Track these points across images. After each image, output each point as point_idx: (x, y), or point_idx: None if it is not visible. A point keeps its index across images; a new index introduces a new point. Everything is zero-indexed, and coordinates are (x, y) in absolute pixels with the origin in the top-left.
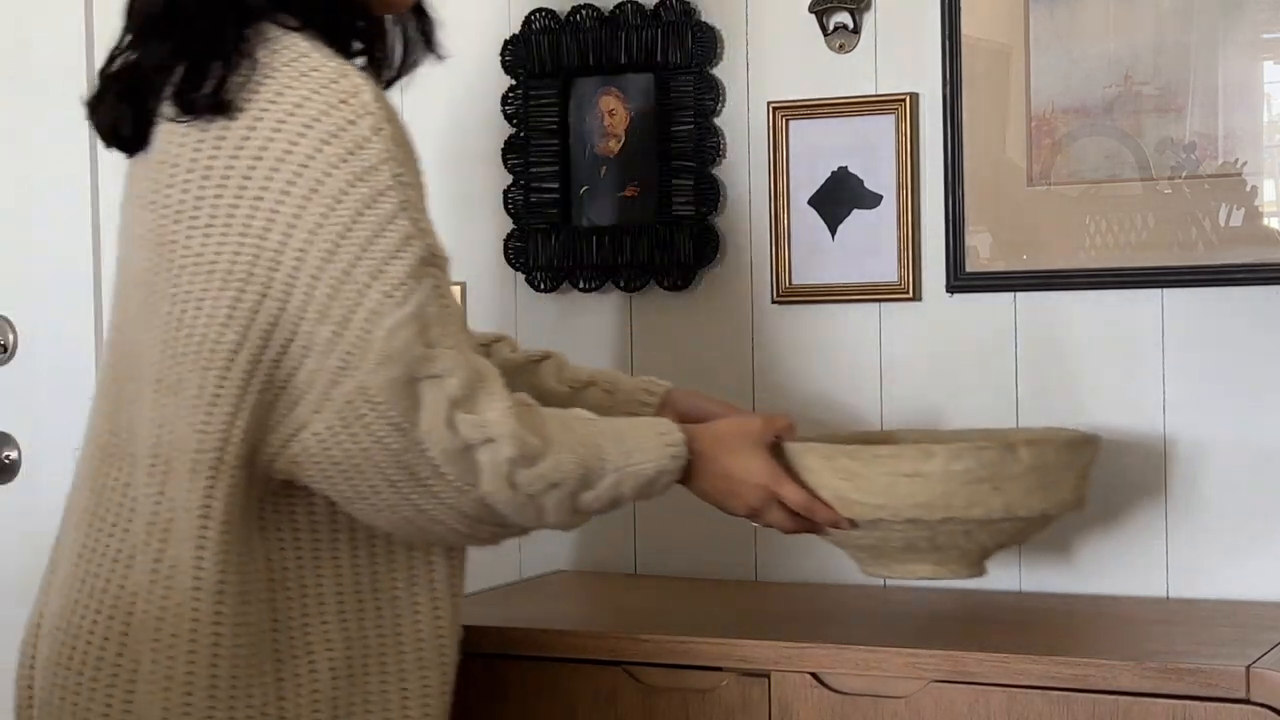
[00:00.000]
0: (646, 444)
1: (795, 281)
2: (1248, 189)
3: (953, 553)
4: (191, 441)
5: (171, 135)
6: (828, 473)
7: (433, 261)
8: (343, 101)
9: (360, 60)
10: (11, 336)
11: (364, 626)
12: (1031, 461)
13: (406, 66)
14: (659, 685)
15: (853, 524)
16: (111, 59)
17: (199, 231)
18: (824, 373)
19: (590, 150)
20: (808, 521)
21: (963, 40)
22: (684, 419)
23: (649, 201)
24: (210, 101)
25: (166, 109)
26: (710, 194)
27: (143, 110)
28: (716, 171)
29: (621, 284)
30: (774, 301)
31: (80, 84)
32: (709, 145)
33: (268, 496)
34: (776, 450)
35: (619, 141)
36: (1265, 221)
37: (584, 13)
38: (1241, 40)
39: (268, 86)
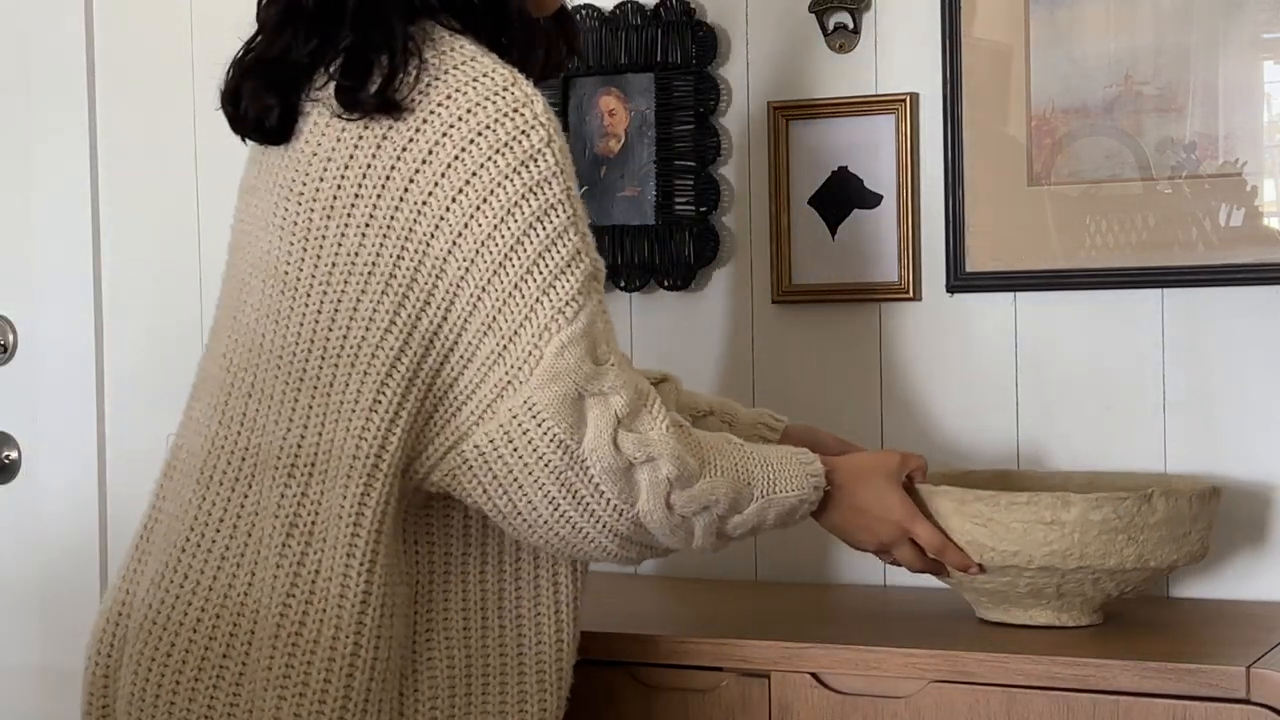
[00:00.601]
0: (791, 473)
1: (795, 281)
2: (1248, 189)
3: (1076, 600)
4: (348, 447)
5: (327, 129)
6: (961, 517)
7: (598, 277)
8: (515, 111)
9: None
10: (11, 336)
11: (487, 645)
12: (1166, 513)
13: (550, 69)
14: (659, 685)
15: (982, 569)
16: (247, 50)
17: (354, 230)
18: (824, 373)
19: (590, 150)
20: (936, 563)
21: (963, 40)
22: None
23: (649, 201)
24: (378, 100)
25: (326, 102)
26: (710, 194)
27: (291, 102)
28: (716, 171)
29: (622, 284)
30: (774, 301)
31: (80, 85)
32: (709, 145)
33: (410, 511)
34: (909, 489)
35: (619, 141)
36: (1265, 221)
37: (584, 13)
38: (1241, 40)
39: (437, 89)
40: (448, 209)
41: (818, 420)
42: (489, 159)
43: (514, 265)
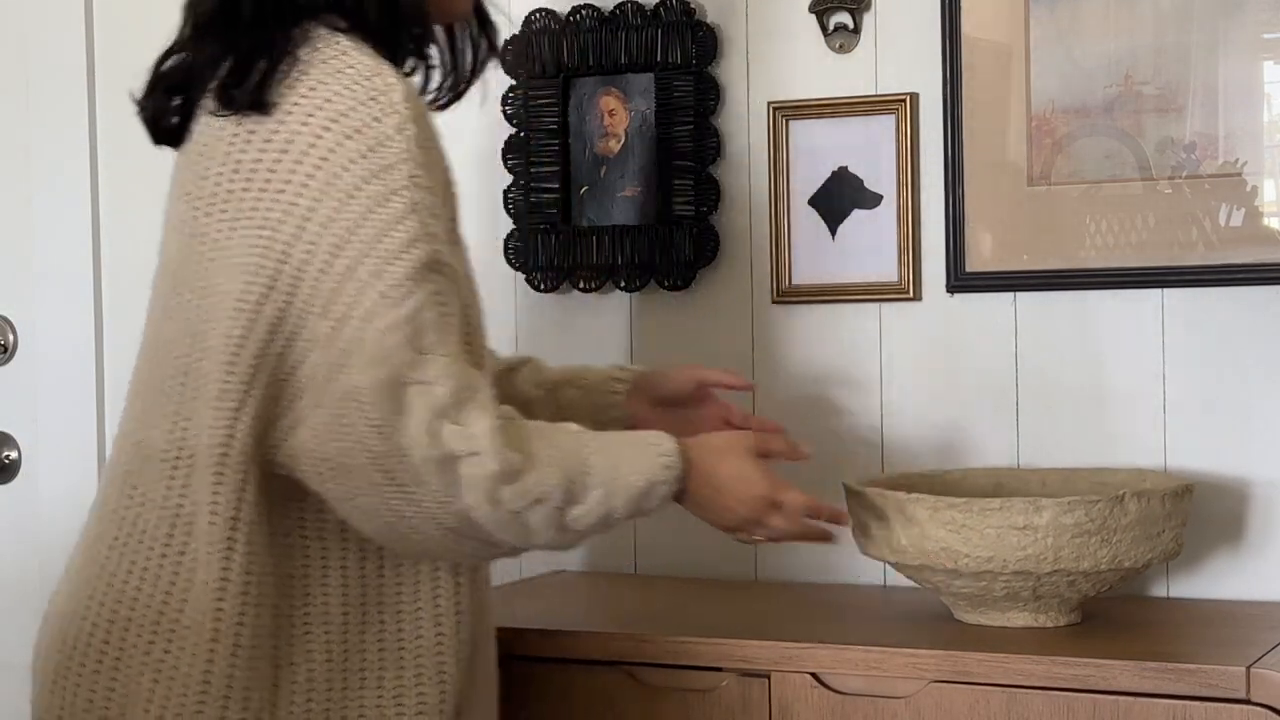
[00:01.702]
0: (637, 456)
1: (795, 281)
2: (1248, 189)
3: (1053, 601)
4: (205, 436)
5: (209, 129)
6: (935, 525)
7: (437, 268)
8: (371, 99)
9: (412, 66)
10: (11, 336)
11: (364, 638)
12: (1138, 514)
13: (475, 73)
14: (659, 685)
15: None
16: (165, 57)
17: (226, 224)
18: (824, 373)
19: (590, 150)
20: (807, 528)
21: (963, 40)
22: (657, 398)
23: (649, 201)
24: (250, 98)
25: (208, 103)
26: (710, 194)
27: (188, 105)
28: (716, 171)
29: (621, 284)
30: (774, 301)
31: (80, 85)
32: (709, 145)
33: (279, 501)
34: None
35: (619, 141)
36: (1265, 221)
37: (584, 13)
38: (1241, 40)
39: (302, 83)
40: (299, 194)
41: (817, 420)
42: (339, 143)
43: (351, 248)
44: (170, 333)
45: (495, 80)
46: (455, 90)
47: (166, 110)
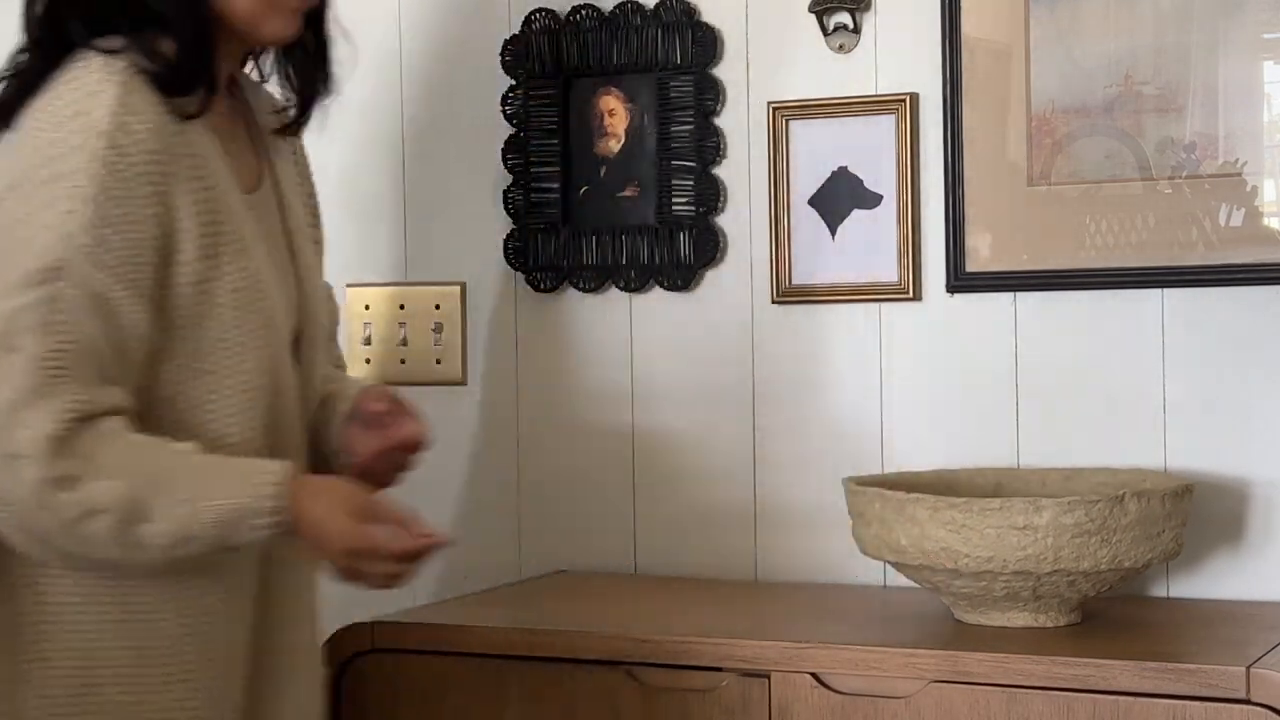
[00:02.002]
0: (234, 482)
1: (795, 281)
2: (1248, 189)
3: (1053, 601)
4: None
5: None
6: (935, 525)
7: (66, 276)
8: (76, 114)
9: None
10: None
11: (104, 637)
12: (1138, 514)
13: (305, 106)
14: (659, 685)
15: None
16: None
17: None
18: (824, 373)
19: (590, 150)
20: (411, 554)
21: (963, 40)
22: (365, 420)
23: (649, 201)
24: (5, 119)
25: None
26: (710, 194)
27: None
28: (716, 171)
29: (621, 284)
30: (774, 301)
31: None
32: (709, 145)
33: None
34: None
35: (619, 141)
36: (1265, 221)
37: (584, 13)
38: (1241, 40)
39: (38, 102)
40: (3, 198)
41: (817, 420)
42: (33, 149)
43: (3, 239)
44: None
45: (495, 80)
46: (294, 120)
47: None
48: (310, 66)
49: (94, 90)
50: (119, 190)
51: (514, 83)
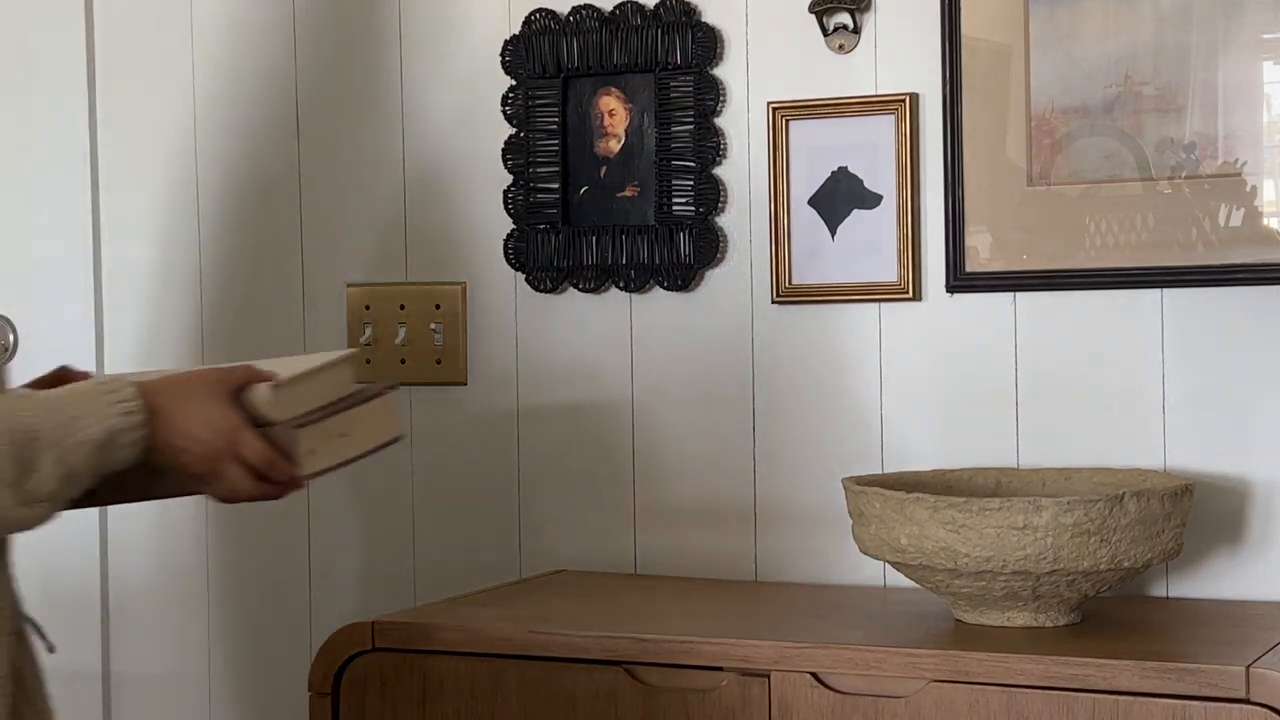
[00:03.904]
0: (89, 407)
1: (795, 281)
2: (1248, 189)
3: (1053, 601)
4: None
5: None
6: (935, 525)
7: None
8: None
9: None
10: (11, 336)
11: None
12: (1138, 513)
13: None
14: (659, 685)
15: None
16: None
17: None
18: (824, 373)
19: (590, 150)
20: (265, 484)
21: (963, 40)
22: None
23: (649, 201)
24: None
25: None
26: (710, 194)
27: None
28: (716, 171)
29: (621, 284)
30: (774, 301)
31: (80, 85)
32: (709, 145)
33: None
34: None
35: (619, 141)
36: (1265, 221)
37: (584, 13)
38: (1241, 40)
39: None
40: None
41: (817, 420)
42: None
43: None
44: None
45: (495, 80)
46: None
47: None
48: None
49: None
50: None
51: (514, 83)
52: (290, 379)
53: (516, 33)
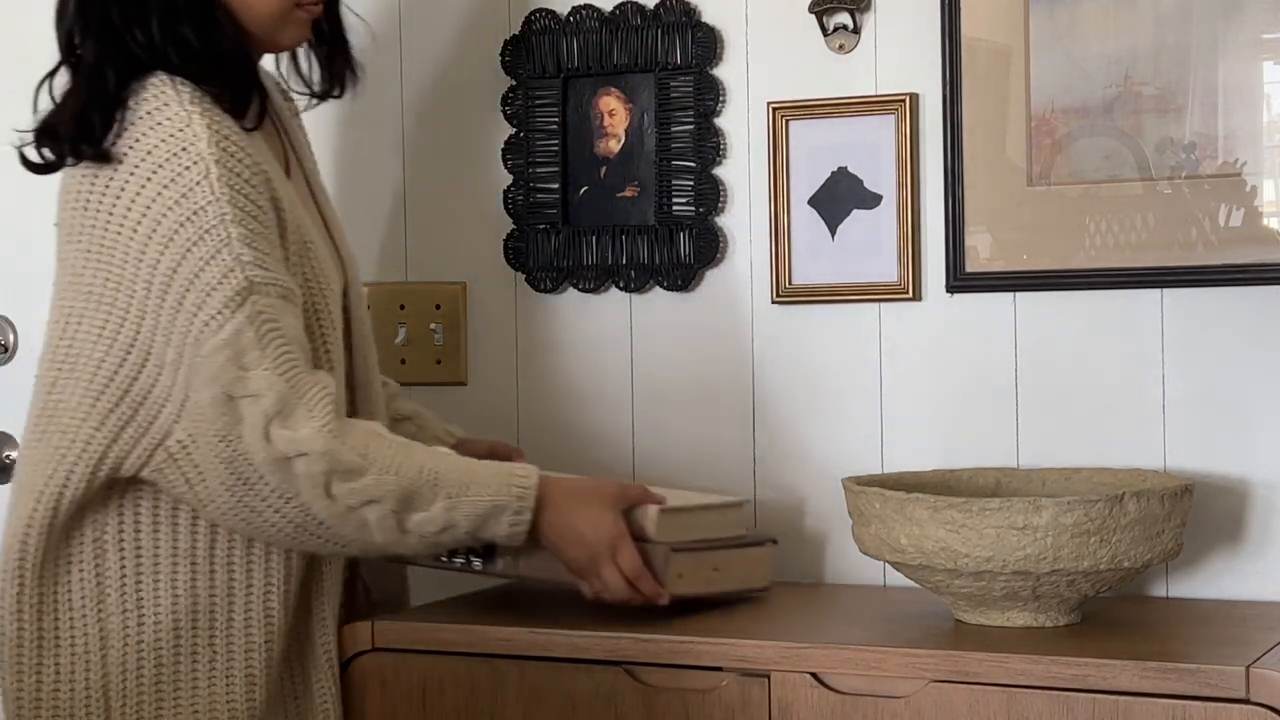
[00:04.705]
0: (491, 480)
1: (795, 281)
2: (1248, 189)
3: (1053, 601)
4: (66, 450)
5: (66, 172)
6: (935, 525)
7: (254, 290)
8: (183, 149)
9: (245, 95)
10: (12, 336)
11: (195, 587)
12: (1138, 513)
13: (328, 91)
14: (659, 685)
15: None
16: (46, 80)
17: (80, 254)
18: (824, 373)
19: (590, 150)
20: (633, 592)
21: (963, 40)
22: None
23: (649, 201)
24: (93, 152)
25: (65, 149)
26: (710, 194)
27: (55, 147)
28: (716, 171)
29: (621, 284)
30: (774, 301)
31: None
32: (709, 145)
33: (121, 494)
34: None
35: (619, 141)
36: (1265, 221)
37: (584, 13)
38: (1241, 40)
39: (129, 133)
40: (133, 235)
41: (817, 420)
42: (159, 193)
43: (178, 283)
44: (45, 352)
45: (495, 80)
46: (319, 96)
47: (37, 146)
48: (330, 60)
49: (183, 124)
50: (247, 204)
51: (514, 83)
52: (676, 507)
53: (516, 33)
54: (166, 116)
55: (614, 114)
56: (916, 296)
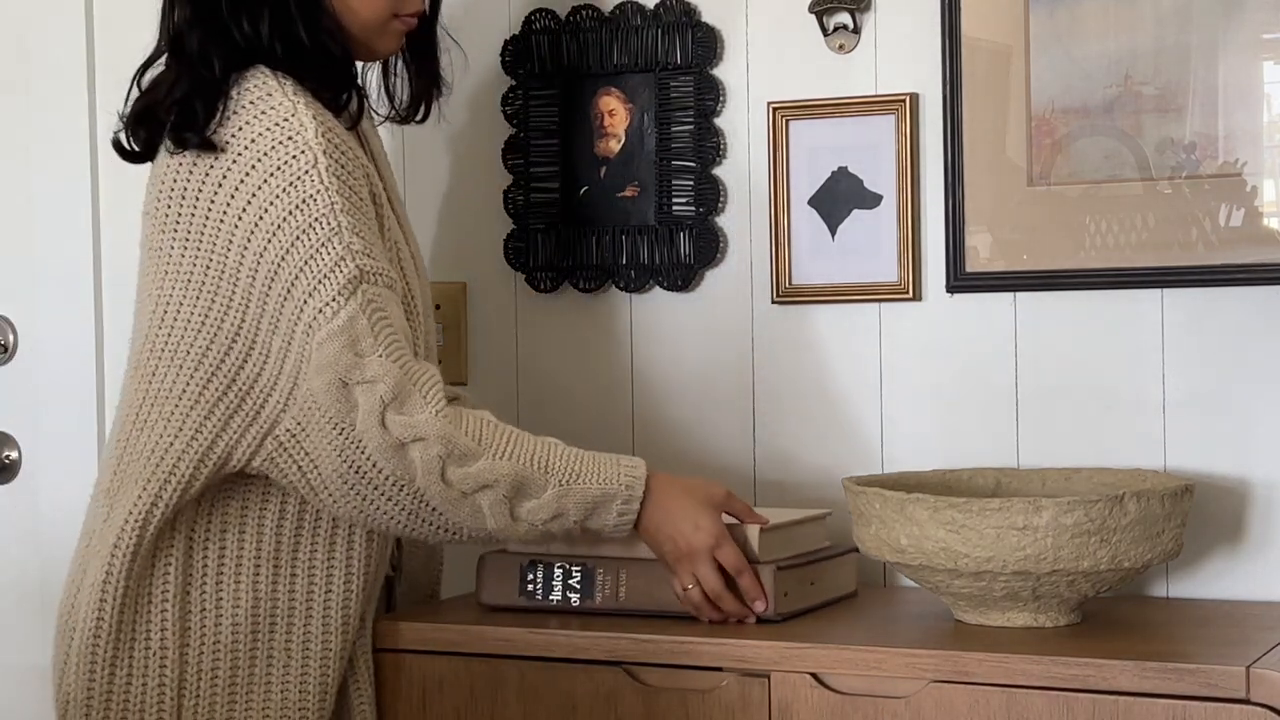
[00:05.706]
0: (601, 469)
1: (795, 281)
2: (1248, 189)
3: (1053, 601)
4: (168, 441)
5: (164, 161)
6: (935, 525)
7: (365, 279)
8: (289, 138)
9: (344, 95)
10: (11, 336)
11: (276, 589)
12: (1138, 514)
13: (414, 107)
14: (659, 685)
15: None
16: (143, 70)
17: (179, 243)
18: (824, 373)
19: (590, 150)
20: (729, 596)
21: (963, 40)
22: None
23: (649, 201)
24: (195, 139)
25: (166, 137)
26: (710, 194)
27: (152, 134)
28: (716, 171)
29: (621, 284)
30: (774, 301)
31: (80, 85)
32: (709, 145)
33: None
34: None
35: (619, 141)
36: (1265, 221)
37: (584, 13)
38: (1241, 40)
39: (232, 122)
40: (237, 223)
41: (817, 420)
42: (265, 181)
43: (286, 271)
44: (138, 343)
45: (495, 80)
46: (401, 118)
47: (132, 136)
48: (416, 76)
49: (288, 113)
50: (352, 195)
51: (514, 83)
52: (777, 524)
53: (516, 32)
54: (271, 106)
55: (614, 114)
56: (916, 296)
